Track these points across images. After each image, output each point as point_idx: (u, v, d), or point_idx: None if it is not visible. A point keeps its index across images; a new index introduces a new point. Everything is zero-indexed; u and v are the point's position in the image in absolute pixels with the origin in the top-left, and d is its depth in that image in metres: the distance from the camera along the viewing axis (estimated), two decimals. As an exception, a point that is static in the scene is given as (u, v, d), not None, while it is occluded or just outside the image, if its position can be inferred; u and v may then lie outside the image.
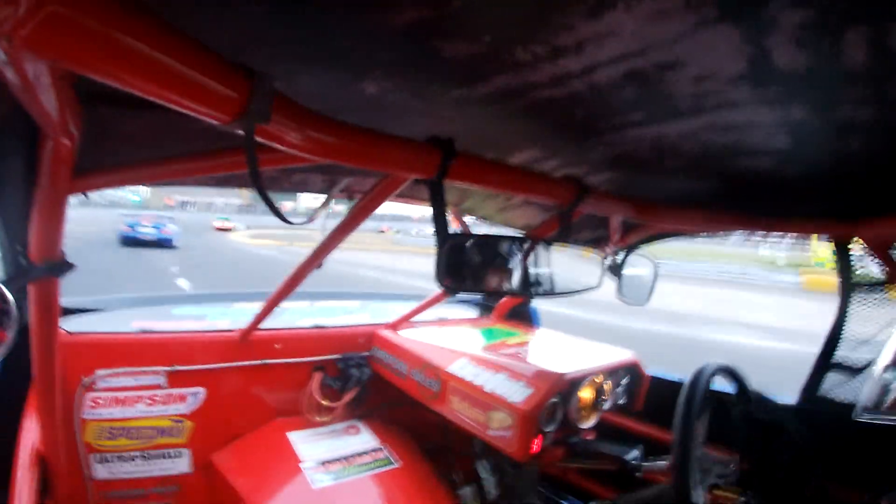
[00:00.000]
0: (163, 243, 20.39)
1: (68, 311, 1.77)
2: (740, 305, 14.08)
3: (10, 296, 0.94)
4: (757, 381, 1.58)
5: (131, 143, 1.09)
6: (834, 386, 1.66)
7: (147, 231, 20.37)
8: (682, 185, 1.49)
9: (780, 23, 0.62)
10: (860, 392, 1.55)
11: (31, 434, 1.30)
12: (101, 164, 1.11)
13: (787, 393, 1.77)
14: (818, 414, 1.64)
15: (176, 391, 1.76)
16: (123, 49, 0.45)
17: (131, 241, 19.83)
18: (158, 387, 1.73)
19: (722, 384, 1.52)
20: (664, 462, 1.49)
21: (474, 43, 0.74)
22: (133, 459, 1.73)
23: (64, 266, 1.05)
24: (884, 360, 1.38)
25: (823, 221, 1.43)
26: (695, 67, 0.77)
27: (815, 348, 1.72)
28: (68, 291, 1.29)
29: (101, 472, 1.69)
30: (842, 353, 1.65)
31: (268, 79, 0.59)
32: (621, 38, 0.70)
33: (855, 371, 1.61)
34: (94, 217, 28.45)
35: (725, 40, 0.67)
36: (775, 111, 0.91)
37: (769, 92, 0.83)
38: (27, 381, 1.35)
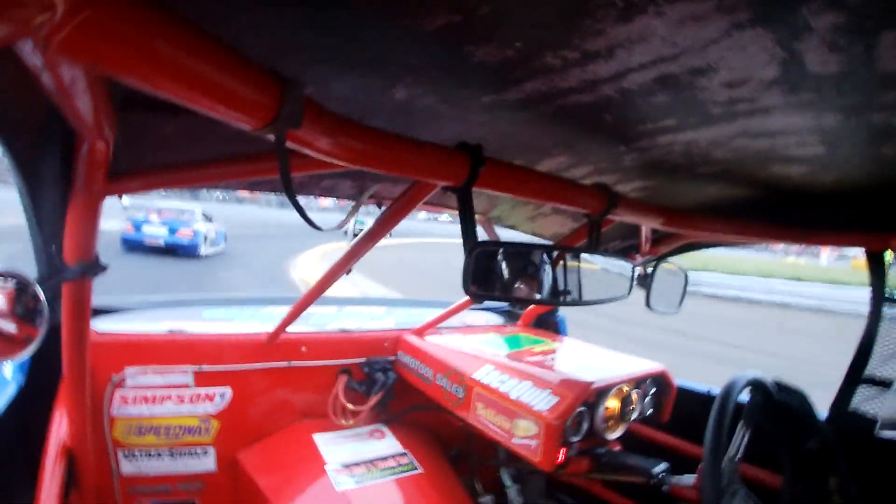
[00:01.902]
0: (178, 250, 14.31)
1: (99, 311, 1.81)
2: None
3: (42, 295, 0.96)
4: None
5: (165, 146, 1.11)
6: (864, 400, 1.61)
7: (155, 232, 14.31)
8: (714, 193, 1.47)
9: (814, 26, 0.60)
10: (883, 406, 1.50)
11: (60, 429, 1.33)
12: (135, 167, 1.13)
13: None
14: (848, 428, 1.59)
15: (203, 390, 1.79)
16: (158, 55, 0.46)
17: (135, 247, 14.12)
18: (186, 386, 1.76)
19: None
20: (693, 476, 1.45)
21: (504, 48, 0.73)
22: (159, 456, 1.75)
23: (97, 267, 1.07)
24: None
25: (857, 232, 1.40)
26: (727, 72, 0.76)
27: None
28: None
29: (127, 467, 1.72)
30: (872, 368, 1.59)
31: (299, 85, 0.59)
32: (652, 42, 0.69)
33: (887, 386, 1.56)
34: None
35: (758, 45, 0.66)
36: (808, 117, 0.89)
37: (802, 97, 0.82)
38: (57, 378, 1.38)
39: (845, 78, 0.72)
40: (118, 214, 13.30)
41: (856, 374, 1.61)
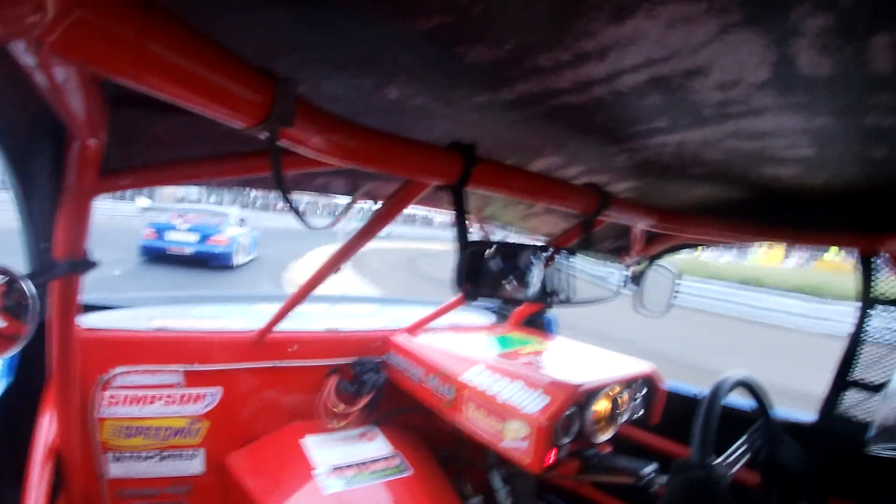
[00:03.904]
0: (210, 260, 11.97)
1: (87, 308, 1.79)
2: None
3: (32, 290, 0.96)
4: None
5: (157, 144, 1.11)
6: (852, 404, 1.62)
7: (182, 239, 11.92)
8: (706, 193, 1.47)
9: (805, 28, 0.61)
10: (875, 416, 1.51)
11: (47, 430, 1.32)
12: (126, 165, 1.13)
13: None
14: (836, 432, 1.60)
15: (192, 391, 1.78)
16: (150, 54, 0.46)
17: (157, 256, 11.84)
18: (175, 386, 1.75)
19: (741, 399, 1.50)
20: None
21: (497, 49, 0.74)
22: (148, 459, 1.74)
23: (87, 264, 1.07)
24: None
25: (848, 233, 1.41)
26: (718, 74, 0.76)
27: None
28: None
29: (115, 470, 1.70)
30: (860, 371, 1.60)
31: (291, 83, 0.59)
32: (644, 44, 0.69)
33: (873, 389, 1.57)
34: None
35: (749, 46, 0.67)
36: (800, 118, 0.90)
37: (794, 99, 0.82)
38: (44, 377, 1.37)
39: (837, 80, 0.73)
40: (136, 216, 12.20)
41: (843, 378, 1.63)
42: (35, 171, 1.01)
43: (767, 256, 30.00)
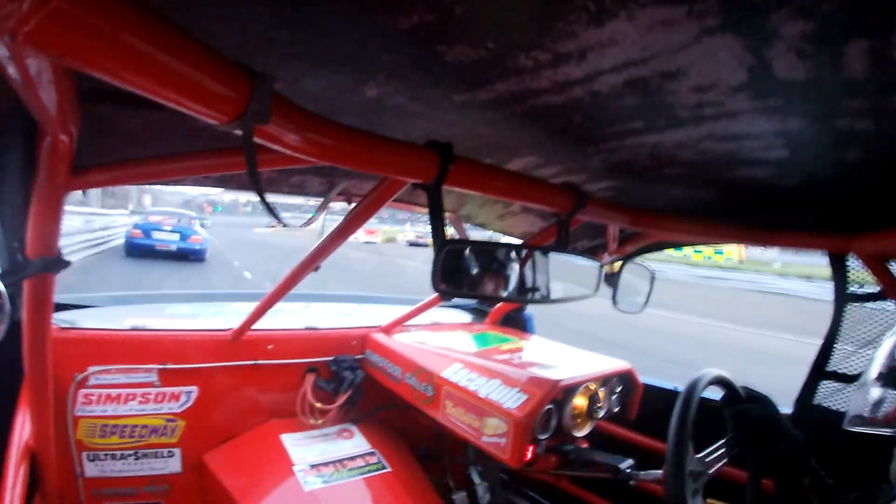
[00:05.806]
0: (189, 255, 14.59)
1: (61, 307, 1.76)
2: None
3: (3, 290, 0.94)
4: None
5: (130, 140, 1.09)
6: (828, 395, 1.66)
7: (167, 238, 14.37)
8: (681, 194, 1.49)
9: (782, 34, 0.62)
10: (850, 402, 1.55)
11: (23, 429, 1.30)
12: (99, 161, 1.11)
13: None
14: (812, 422, 1.64)
15: (169, 390, 1.76)
16: (125, 47, 0.45)
17: (143, 252, 14.00)
18: (151, 385, 1.73)
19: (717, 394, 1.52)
20: (658, 472, 1.48)
21: (477, 48, 0.74)
22: (124, 458, 1.72)
23: (60, 263, 1.05)
24: (872, 372, 1.39)
25: (820, 233, 1.44)
26: (695, 77, 0.77)
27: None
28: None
29: (91, 469, 1.68)
30: (835, 363, 1.65)
31: (268, 80, 0.58)
32: (623, 46, 0.70)
33: (848, 380, 1.61)
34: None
35: (727, 50, 0.68)
36: (774, 121, 0.91)
37: (769, 102, 0.83)
38: (20, 377, 1.34)
39: (812, 84, 0.74)
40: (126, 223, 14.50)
41: (819, 370, 1.66)
42: (6, 167, 0.99)
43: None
